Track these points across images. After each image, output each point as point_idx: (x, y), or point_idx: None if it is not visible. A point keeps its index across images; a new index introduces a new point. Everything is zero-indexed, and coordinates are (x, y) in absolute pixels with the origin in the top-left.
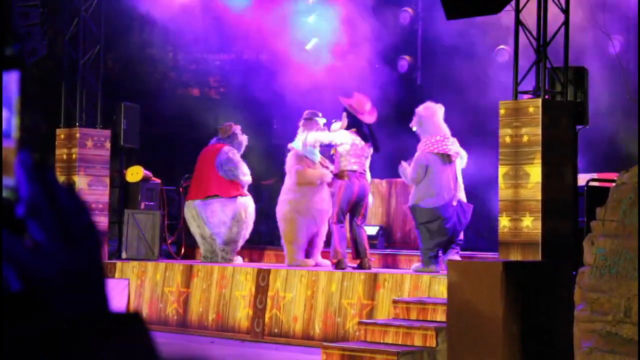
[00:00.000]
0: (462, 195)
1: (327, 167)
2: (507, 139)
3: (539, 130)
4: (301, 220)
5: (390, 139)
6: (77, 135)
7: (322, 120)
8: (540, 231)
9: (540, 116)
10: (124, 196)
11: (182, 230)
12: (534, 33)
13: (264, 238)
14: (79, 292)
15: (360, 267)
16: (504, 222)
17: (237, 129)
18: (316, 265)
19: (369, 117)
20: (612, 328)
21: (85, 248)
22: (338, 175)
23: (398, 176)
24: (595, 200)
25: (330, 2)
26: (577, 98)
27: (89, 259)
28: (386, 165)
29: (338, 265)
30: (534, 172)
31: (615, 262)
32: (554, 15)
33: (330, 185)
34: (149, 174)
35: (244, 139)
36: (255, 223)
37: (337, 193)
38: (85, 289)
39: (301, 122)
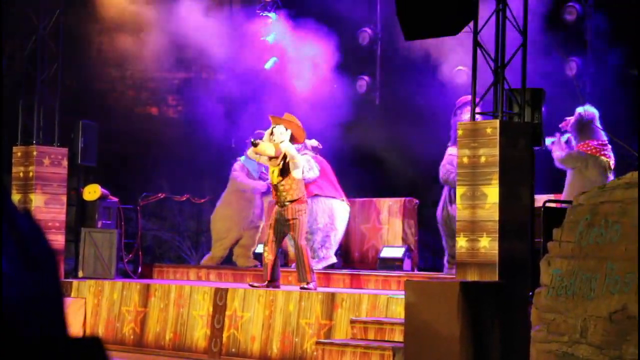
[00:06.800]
0: None
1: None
2: (465, 160)
3: (496, 151)
4: None
5: (349, 159)
6: (34, 153)
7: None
8: (497, 252)
9: (497, 137)
10: (80, 214)
11: (139, 249)
12: (492, 54)
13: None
14: (39, 316)
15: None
16: (461, 243)
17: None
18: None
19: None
20: (568, 349)
21: (45, 272)
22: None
23: (355, 196)
24: (552, 221)
25: (289, 22)
26: (534, 119)
27: (49, 283)
28: (344, 187)
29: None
30: (492, 192)
31: (571, 283)
32: (512, 37)
33: None
34: (106, 192)
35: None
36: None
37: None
38: (45, 313)
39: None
